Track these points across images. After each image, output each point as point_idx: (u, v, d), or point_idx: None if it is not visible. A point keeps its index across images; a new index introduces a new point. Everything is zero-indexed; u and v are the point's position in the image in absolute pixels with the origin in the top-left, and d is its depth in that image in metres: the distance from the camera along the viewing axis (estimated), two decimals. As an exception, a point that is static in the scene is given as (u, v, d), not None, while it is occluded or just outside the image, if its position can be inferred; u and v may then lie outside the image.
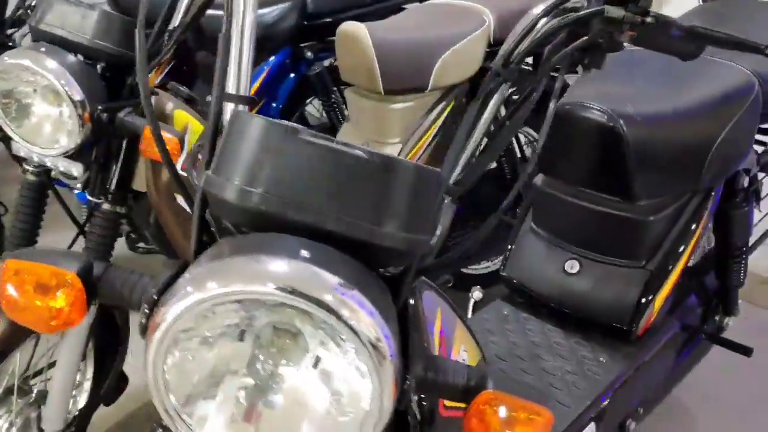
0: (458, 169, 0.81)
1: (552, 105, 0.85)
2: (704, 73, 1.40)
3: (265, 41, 2.49)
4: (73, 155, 1.44)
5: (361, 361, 0.59)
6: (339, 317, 0.58)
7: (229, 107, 0.83)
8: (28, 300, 0.66)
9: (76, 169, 1.45)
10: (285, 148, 0.65)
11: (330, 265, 0.60)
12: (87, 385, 1.79)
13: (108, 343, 1.71)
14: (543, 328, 1.42)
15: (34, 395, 1.66)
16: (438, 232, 0.77)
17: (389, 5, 2.72)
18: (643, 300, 1.36)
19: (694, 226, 1.39)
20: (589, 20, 0.77)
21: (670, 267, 1.37)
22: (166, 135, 1.39)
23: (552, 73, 0.87)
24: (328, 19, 2.59)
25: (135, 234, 2.03)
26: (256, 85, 2.53)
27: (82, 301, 0.67)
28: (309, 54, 2.58)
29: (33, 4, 1.96)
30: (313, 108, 2.90)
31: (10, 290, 0.66)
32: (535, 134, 2.42)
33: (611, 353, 1.39)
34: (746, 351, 1.72)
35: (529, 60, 2.37)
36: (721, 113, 1.35)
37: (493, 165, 2.33)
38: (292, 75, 2.62)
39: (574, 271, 1.43)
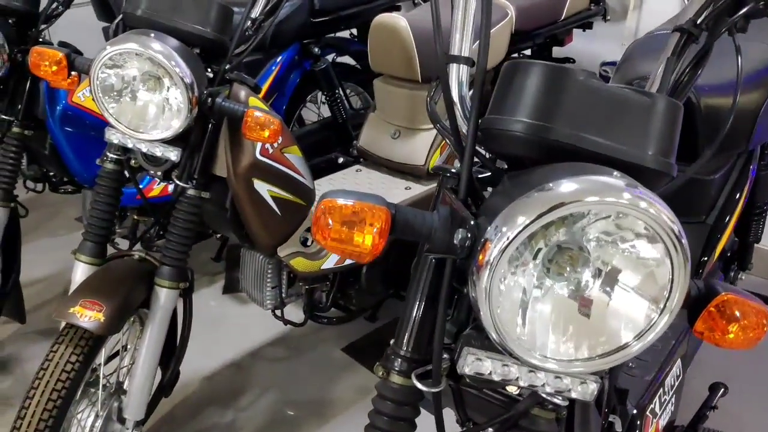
0: None
1: (699, 71, 0.98)
2: (745, 53, 1.59)
3: (276, 38, 2.55)
4: (170, 141, 1.47)
5: (661, 247, 0.70)
6: (653, 214, 0.69)
7: (453, 67, 0.92)
8: (345, 234, 0.74)
9: (175, 154, 1.48)
10: (566, 88, 0.76)
11: (625, 178, 0.71)
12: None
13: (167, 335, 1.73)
14: None
15: (114, 386, 1.67)
16: None
17: (386, 1, 2.84)
18: (706, 251, 1.54)
19: (743, 183, 1.58)
20: None
21: (726, 220, 1.56)
22: (269, 116, 1.44)
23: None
24: (332, 16, 2.68)
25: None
26: (268, 82, 2.57)
27: (387, 234, 0.75)
28: (316, 50, 2.65)
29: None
30: (310, 103, 2.97)
31: (329, 225, 0.74)
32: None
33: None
34: (766, 300, 1.93)
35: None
36: (763, 85, 1.55)
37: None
38: (298, 71, 2.68)
39: (639, 231, 1.59)
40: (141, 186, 2.21)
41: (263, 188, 1.69)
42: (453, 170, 0.90)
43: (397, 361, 0.90)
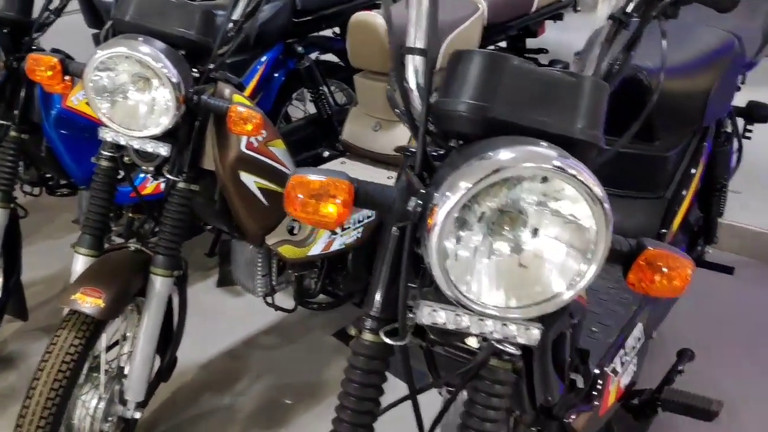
0: None
1: (632, 54, 1.08)
2: (695, 37, 1.71)
3: (260, 38, 2.65)
4: (160, 137, 1.57)
5: (586, 207, 0.81)
6: (578, 178, 0.79)
7: (409, 58, 1.03)
8: (312, 206, 0.84)
9: (165, 149, 1.58)
10: (502, 71, 0.87)
11: (556, 149, 0.82)
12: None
13: (163, 323, 1.82)
14: None
15: (115, 370, 1.77)
16: None
17: (366, 1, 2.94)
18: (665, 223, 1.65)
19: (698, 158, 1.69)
20: None
21: (683, 194, 1.67)
22: (251, 111, 1.55)
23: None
24: (314, 16, 2.79)
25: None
26: (254, 81, 2.68)
27: (351, 207, 0.86)
28: (299, 48, 2.76)
29: (59, 7, 2.05)
30: (296, 101, 3.07)
31: (298, 198, 0.84)
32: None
33: None
34: (728, 270, 2.05)
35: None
36: (714, 67, 1.66)
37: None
38: (282, 69, 2.79)
39: (603, 207, 1.70)
40: (135, 184, 2.33)
41: (250, 180, 1.79)
42: (412, 149, 1.00)
43: (368, 321, 1.00)
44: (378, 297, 1.00)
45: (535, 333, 0.90)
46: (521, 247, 0.85)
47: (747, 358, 2.37)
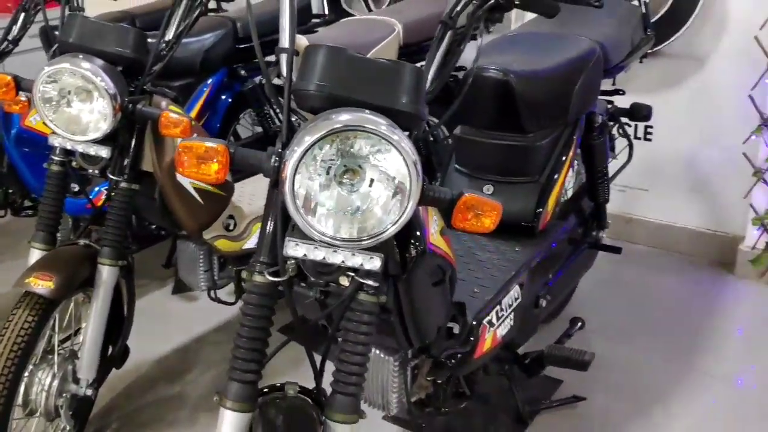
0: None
1: (461, 50, 1.36)
2: (563, 45, 2.01)
3: (205, 64, 2.93)
4: (101, 141, 1.82)
5: (402, 162, 1.07)
6: (390, 140, 1.06)
7: (282, 57, 1.29)
8: (195, 165, 1.10)
9: (106, 152, 1.83)
10: (340, 60, 1.13)
11: (381, 117, 1.09)
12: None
13: (114, 314, 2.05)
14: (471, 236, 1.94)
15: (68, 353, 1.99)
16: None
17: (306, 28, 3.24)
18: (540, 203, 1.92)
19: (568, 148, 1.98)
20: None
21: (555, 178, 1.95)
22: (180, 117, 1.81)
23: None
24: (255, 43, 3.07)
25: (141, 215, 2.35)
26: (200, 102, 2.95)
27: (227, 166, 1.12)
28: (243, 72, 3.04)
29: (17, 37, 2.32)
30: (245, 121, 3.34)
31: (185, 160, 1.10)
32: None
33: (523, 244, 1.92)
34: (617, 250, 2.33)
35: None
36: (576, 69, 1.95)
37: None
38: (228, 92, 3.06)
39: (490, 192, 1.97)
40: (91, 196, 2.57)
41: (185, 180, 2.03)
42: None
43: (257, 266, 1.25)
44: (265, 246, 1.25)
45: (376, 261, 1.15)
46: (359, 193, 1.12)
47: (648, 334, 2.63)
